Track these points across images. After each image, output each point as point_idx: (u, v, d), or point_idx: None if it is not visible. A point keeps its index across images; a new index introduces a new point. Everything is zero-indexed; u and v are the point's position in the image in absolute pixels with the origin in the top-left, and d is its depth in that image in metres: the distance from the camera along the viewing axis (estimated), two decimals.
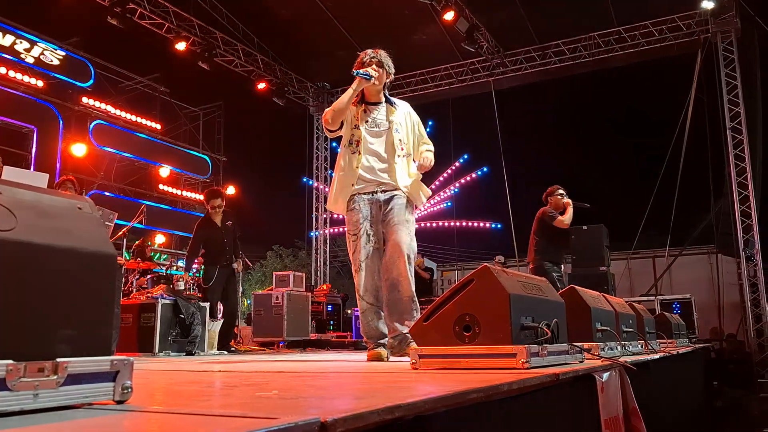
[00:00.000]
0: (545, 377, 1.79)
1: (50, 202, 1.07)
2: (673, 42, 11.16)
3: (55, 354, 0.98)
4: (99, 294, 1.08)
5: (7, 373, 0.90)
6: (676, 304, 9.74)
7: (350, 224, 3.65)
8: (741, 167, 10.26)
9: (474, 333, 2.21)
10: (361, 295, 3.57)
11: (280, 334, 8.21)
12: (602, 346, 2.98)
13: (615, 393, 2.61)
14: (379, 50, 3.78)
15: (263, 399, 1.13)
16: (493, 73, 12.68)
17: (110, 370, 1.05)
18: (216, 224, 6.78)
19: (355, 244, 3.60)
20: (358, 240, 3.58)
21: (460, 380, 1.70)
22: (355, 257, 3.58)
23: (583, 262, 9.58)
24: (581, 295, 3.04)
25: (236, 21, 11.88)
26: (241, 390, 1.41)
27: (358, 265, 3.57)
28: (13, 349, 0.92)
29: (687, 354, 5.74)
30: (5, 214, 0.96)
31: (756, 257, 10.03)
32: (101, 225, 1.14)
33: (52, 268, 1.00)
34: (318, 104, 14.52)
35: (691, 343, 7.52)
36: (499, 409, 1.64)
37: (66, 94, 10.34)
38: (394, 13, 11.18)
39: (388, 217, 3.62)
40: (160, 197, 11.90)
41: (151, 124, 11.87)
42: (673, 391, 4.83)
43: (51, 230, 1.02)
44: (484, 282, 2.23)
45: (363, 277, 3.54)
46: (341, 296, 12.05)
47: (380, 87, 3.76)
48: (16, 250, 0.95)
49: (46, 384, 0.95)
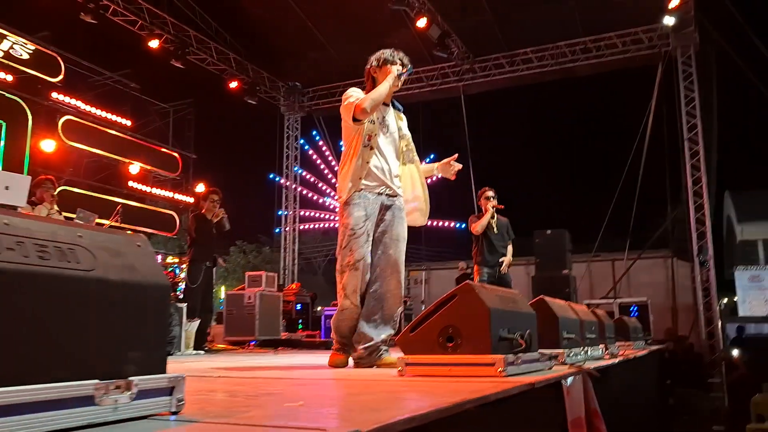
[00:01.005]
0: (523, 386, 2.01)
1: (117, 241, 1.24)
2: (635, 54, 11.61)
3: (127, 373, 1.16)
4: (157, 319, 1.26)
5: (95, 390, 1.08)
6: (634, 306, 10.17)
7: (349, 218, 3.48)
8: (697, 176, 10.75)
9: (456, 344, 2.43)
10: (347, 293, 3.45)
11: (251, 334, 8.35)
12: (568, 352, 3.24)
13: (578, 396, 2.85)
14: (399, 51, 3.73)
15: (299, 410, 1.32)
16: (462, 78, 12.98)
17: (168, 386, 1.24)
18: (209, 220, 7.04)
19: (351, 241, 3.45)
20: (357, 238, 3.45)
21: (449, 389, 1.90)
22: (350, 255, 3.44)
23: (546, 265, 9.94)
24: (550, 305, 3.30)
25: (209, 19, 11.91)
26: (265, 399, 1.60)
27: (352, 264, 3.43)
28: (98, 370, 1.10)
29: (643, 357, 6.09)
30: (88, 256, 1.13)
31: (709, 263, 10.53)
32: (155, 258, 1.32)
33: (123, 300, 1.18)
34: (289, 104, 14.63)
35: (647, 344, 7.90)
36: (482, 413, 1.86)
37: (35, 89, 10.21)
38: (367, 17, 11.36)
39: (390, 228, 3.58)
40: (129, 194, 11.85)
41: (121, 121, 11.80)
42: (631, 392, 5.14)
43: (121, 267, 1.19)
44: (466, 297, 2.45)
45: (356, 277, 3.43)
46: (310, 295, 12.20)
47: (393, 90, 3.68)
48: (97, 287, 1.13)
49: (122, 400, 1.13)
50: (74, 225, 1.18)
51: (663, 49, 11.25)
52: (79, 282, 1.09)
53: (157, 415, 1.21)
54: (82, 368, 1.07)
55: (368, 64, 3.76)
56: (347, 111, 3.53)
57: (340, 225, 3.57)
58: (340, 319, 3.53)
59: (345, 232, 3.49)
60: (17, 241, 1.02)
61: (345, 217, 3.52)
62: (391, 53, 3.68)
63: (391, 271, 3.51)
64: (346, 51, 12.34)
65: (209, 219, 7.08)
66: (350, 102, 3.52)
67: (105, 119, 11.50)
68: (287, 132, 14.85)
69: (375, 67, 3.69)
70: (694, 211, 10.68)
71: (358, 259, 3.43)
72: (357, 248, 3.44)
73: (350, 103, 3.51)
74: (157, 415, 1.21)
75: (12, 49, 9.75)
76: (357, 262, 3.43)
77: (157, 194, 12.64)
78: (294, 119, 14.88)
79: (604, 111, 26.20)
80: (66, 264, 1.08)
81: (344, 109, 3.58)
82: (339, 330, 3.54)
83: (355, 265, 3.43)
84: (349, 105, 3.52)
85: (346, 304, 3.47)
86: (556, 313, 3.31)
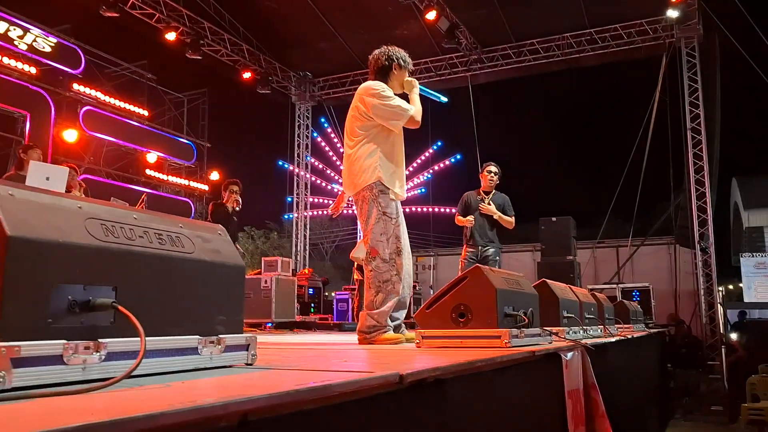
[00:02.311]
0: (525, 353, 2.35)
1: (205, 230, 1.59)
2: (640, 45, 11.85)
3: (217, 332, 1.50)
4: (237, 292, 1.60)
5: (198, 343, 1.43)
6: (636, 292, 10.50)
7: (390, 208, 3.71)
8: (699, 165, 11.02)
9: (467, 319, 2.77)
10: (401, 277, 3.68)
11: (268, 316, 8.73)
12: (567, 330, 3.58)
13: (577, 369, 3.19)
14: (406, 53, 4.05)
15: (344, 362, 1.66)
16: (470, 69, 13.26)
17: (245, 343, 1.59)
18: (228, 210, 7.35)
19: (395, 227, 3.70)
20: (399, 226, 3.73)
21: (462, 354, 2.24)
22: (397, 241, 3.69)
23: (551, 252, 10.24)
24: (551, 287, 3.64)
25: (223, 11, 12.21)
26: (313, 358, 1.94)
27: (400, 250, 3.69)
28: (199, 329, 1.44)
29: (642, 338, 6.41)
30: (189, 242, 1.48)
31: (710, 249, 10.83)
32: (232, 244, 1.66)
33: (214, 276, 1.52)
34: (300, 93, 14.94)
35: (648, 328, 8.23)
36: (491, 377, 2.19)
37: (57, 80, 10.60)
38: (377, 9, 11.63)
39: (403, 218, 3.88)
40: (146, 182, 12.26)
41: (138, 111, 12.18)
42: (630, 370, 5.45)
43: (211, 251, 1.54)
44: (475, 279, 2.79)
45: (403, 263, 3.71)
46: (322, 280, 12.59)
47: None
48: (197, 265, 1.47)
49: (215, 352, 1.48)
50: (176, 218, 1.52)
51: (667, 41, 11.48)
52: (185, 262, 1.43)
53: (237, 365, 1.56)
54: (189, 326, 1.42)
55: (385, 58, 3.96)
56: (400, 115, 3.78)
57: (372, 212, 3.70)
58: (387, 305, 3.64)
59: (385, 220, 3.68)
60: (144, 230, 1.36)
61: (384, 207, 3.69)
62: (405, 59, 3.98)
63: (408, 256, 3.82)
64: (356, 42, 12.64)
65: (228, 210, 7.37)
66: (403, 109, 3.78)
67: (123, 109, 11.88)
68: (298, 121, 15.17)
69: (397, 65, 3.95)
70: (695, 198, 10.96)
71: (404, 244, 3.70)
72: (401, 234, 3.71)
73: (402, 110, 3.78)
74: (237, 365, 1.56)
75: (35, 42, 10.11)
76: (402, 248, 3.69)
77: (173, 182, 13.03)
78: (305, 108, 15.19)
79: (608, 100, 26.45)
80: (176, 248, 1.42)
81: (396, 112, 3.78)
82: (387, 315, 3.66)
83: (402, 249, 3.69)
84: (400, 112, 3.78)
85: (400, 289, 3.67)
86: (557, 295, 3.64)
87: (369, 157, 3.75)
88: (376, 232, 3.67)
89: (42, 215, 1.15)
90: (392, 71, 3.94)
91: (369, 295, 3.67)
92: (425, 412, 1.64)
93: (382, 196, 3.70)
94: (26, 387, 1.03)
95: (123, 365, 1.18)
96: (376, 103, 3.75)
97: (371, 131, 3.80)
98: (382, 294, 3.62)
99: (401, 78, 3.95)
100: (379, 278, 3.63)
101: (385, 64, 3.94)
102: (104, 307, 1.18)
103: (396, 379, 1.37)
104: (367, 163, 3.74)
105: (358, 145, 3.79)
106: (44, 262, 1.11)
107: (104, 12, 9.68)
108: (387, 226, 3.66)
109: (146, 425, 0.75)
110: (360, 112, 3.81)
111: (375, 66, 3.98)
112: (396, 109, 3.77)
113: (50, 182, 4.84)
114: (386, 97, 3.77)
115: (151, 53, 13.24)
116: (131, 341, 1.22)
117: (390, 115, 3.77)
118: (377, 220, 3.67)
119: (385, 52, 3.98)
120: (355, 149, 3.79)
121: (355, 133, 3.83)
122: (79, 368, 1.13)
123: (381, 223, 3.67)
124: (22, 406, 0.89)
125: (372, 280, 3.66)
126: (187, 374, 1.36)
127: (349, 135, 3.87)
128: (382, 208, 3.68)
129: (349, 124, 3.90)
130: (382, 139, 3.79)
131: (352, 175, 3.80)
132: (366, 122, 3.80)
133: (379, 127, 3.79)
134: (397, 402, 1.44)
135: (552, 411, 2.82)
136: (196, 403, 0.86)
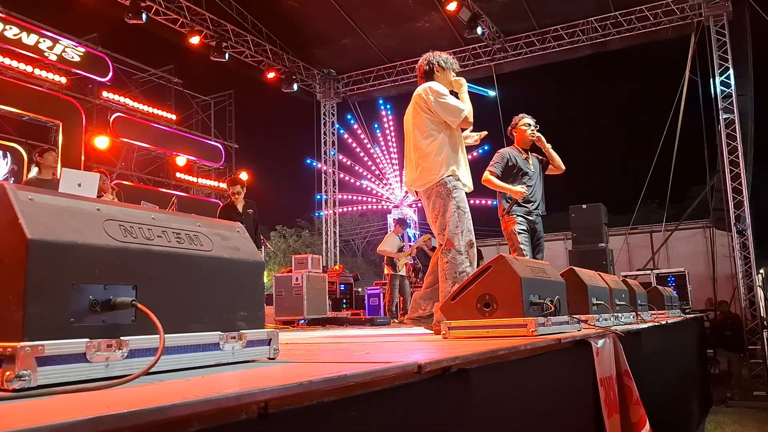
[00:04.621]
0: (550, 341, 2.34)
1: (224, 228, 1.61)
2: (667, 26, 11.60)
3: (239, 327, 1.53)
4: (256, 288, 1.63)
5: (220, 338, 1.45)
6: (671, 277, 10.32)
7: (464, 201, 3.94)
8: (732, 146, 10.76)
9: (492, 308, 2.77)
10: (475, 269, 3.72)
11: (300, 313, 8.82)
12: (597, 317, 3.55)
13: (609, 356, 3.16)
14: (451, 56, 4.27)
15: (366, 355, 1.67)
16: (494, 58, 13.14)
17: (267, 338, 1.61)
18: (237, 210, 7.35)
19: (468, 220, 3.90)
20: (468, 221, 3.90)
21: (486, 344, 2.24)
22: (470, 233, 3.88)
23: (582, 239, 10.13)
24: (579, 275, 3.60)
25: (245, 13, 12.31)
26: (336, 352, 1.96)
27: (473, 242, 3.88)
28: (220, 324, 1.47)
29: (678, 323, 6.30)
30: (207, 240, 1.50)
31: (747, 231, 10.58)
32: (251, 241, 1.69)
33: (233, 273, 1.55)
34: (324, 91, 15.00)
35: (684, 313, 8.09)
36: (516, 366, 2.18)
37: (87, 89, 10.85)
38: (398, 2, 11.60)
39: None
40: (177, 185, 12.47)
41: (166, 115, 12.39)
42: (665, 357, 5.37)
43: (229, 248, 1.56)
44: (500, 268, 2.78)
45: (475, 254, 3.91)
46: (353, 276, 12.65)
47: None
48: (216, 263, 1.50)
49: (237, 347, 1.50)
50: (195, 217, 1.55)
51: (695, 20, 11.22)
52: (204, 259, 1.46)
53: (260, 360, 1.58)
54: (210, 322, 1.44)
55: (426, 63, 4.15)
56: (457, 114, 3.95)
57: (448, 206, 3.86)
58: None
59: (458, 213, 3.86)
60: (162, 230, 1.39)
61: (458, 200, 3.88)
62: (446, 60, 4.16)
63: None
64: (379, 36, 12.63)
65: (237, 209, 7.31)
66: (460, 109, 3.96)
67: (151, 114, 12.09)
68: (324, 118, 15.23)
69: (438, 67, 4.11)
70: (730, 180, 10.71)
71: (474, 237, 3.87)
72: (471, 228, 3.87)
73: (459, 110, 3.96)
74: (259, 360, 1.58)
75: (64, 52, 10.34)
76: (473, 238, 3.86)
77: (203, 184, 13.23)
78: (330, 105, 15.25)
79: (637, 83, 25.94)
80: (194, 246, 1.45)
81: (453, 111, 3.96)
82: None
83: (473, 241, 3.86)
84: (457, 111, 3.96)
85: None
86: (585, 282, 3.60)
87: (440, 152, 3.94)
88: (452, 225, 3.83)
89: (61, 218, 1.18)
90: (435, 74, 4.12)
91: (445, 287, 3.77)
92: (448, 403, 1.64)
93: (456, 190, 3.89)
94: (52, 384, 1.07)
95: (145, 362, 1.21)
96: (435, 100, 3.94)
97: (440, 126, 3.99)
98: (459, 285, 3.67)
99: (447, 78, 4.12)
100: (456, 269, 3.77)
101: (427, 69, 4.14)
102: (124, 306, 1.21)
103: (414, 369, 1.37)
104: (439, 158, 3.93)
105: (428, 140, 3.97)
106: (64, 263, 1.14)
107: (129, 19, 9.85)
108: (462, 219, 3.83)
109: (159, 417, 0.78)
110: (424, 109, 3.99)
111: (420, 73, 4.20)
112: (453, 108, 3.96)
113: (82, 188, 4.96)
114: (442, 95, 3.97)
115: (177, 58, 13.46)
116: (153, 338, 1.25)
117: (447, 112, 3.96)
118: (453, 213, 3.84)
119: (426, 57, 4.19)
120: (426, 144, 3.98)
121: (424, 128, 3.99)
122: (102, 366, 1.16)
123: (456, 216, 3.84)
124: (43, 401, 0.93)
125: (448, 271, 3.79)
126: (209, 369, 1.39)
127: (419, 129, 4.02)
128: (456, 202, 3.86)
129: (416, 120, 4.05)
130: (448, 135, 3.99)
131: (424, 170, 3.96)
132: (434, 117, 3.99)
133: (445, 123, 3.99)
134: (418, 392, 1.45)
135: (584, 399, 2.80)
136: (209, 394, 0.88)
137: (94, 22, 11.61)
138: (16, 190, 1.16)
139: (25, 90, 9.87)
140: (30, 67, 9.91)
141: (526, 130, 5.57)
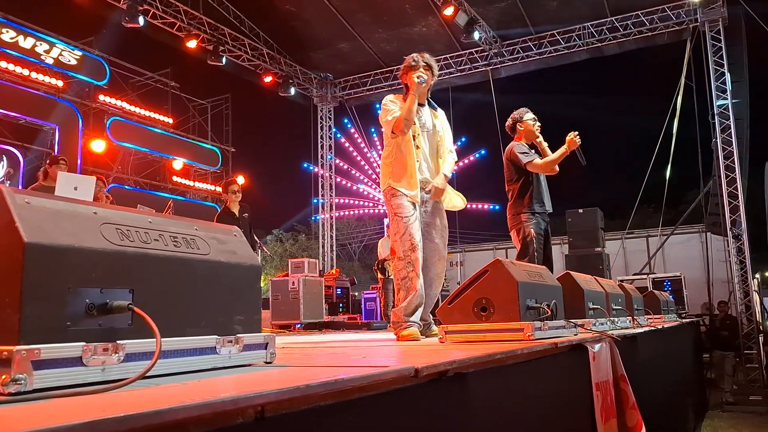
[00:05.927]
0: (547, 345, 2.34)
1: (221, 232, 1.61)
2: (663, 31, 11.64)
3: (235, 331, 1.53)
4: (253, 292, 1.63)
5: (216, 342, 1.45)
6: (668, 281, 10.33)
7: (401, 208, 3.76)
8: (728, 151, 10.80)
9: (489, 313, 2.77)
10: (418, 273, 3.70)
11: (297, 317, 8.80)
12: (594, 321, 3.55)
13: (605, 361, 3.16)
14: (424, 54, 3.98)
15: (363, 360, 1.67)
16: (491, 63, 13.17)
17: (263, 342, 1.61)
18: (234, 214, 7.31)
19: (407, 226, 3.72)
20: (411, 223, 3.73)
21: (483, 348, 2.24)
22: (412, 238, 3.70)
23: (579, 244, 10.14)
24: (575, 279, 3.60)
25: (243, 17, 12.32)
26: (334, 355, 1.96)
27: (414, 245, 3.69)
28: (217, 329, 1.47)
29: (674, 327, 6.30)
30: (204, 244, 1.50)
31: (743, 236, 10.60)
32: (248, 245, 1.69)
33: (230, 277, 1.54)
34: (322, 95, 15.01)
35: (680, 318, 8.09)
36: (513, 371, 2.19)
37: (84, 92, 10.84)
38: (395, 7, 11.63)
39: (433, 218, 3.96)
40: (173, 189, 12.45)
41: (163, 119, 12.38)
42: (661, 361, 5.37)
43: (226, 252, 1.56)
44: (496, 272, 2.78)
45: (420, 258, 3.73)
46: (350, 280, 12.64)
47: (426, 90, 3.96)
48: (212, 266, 1.50)
49: (233, 351, 1.50)
50: (191, 221, 1.55)
51: (691, 25, 11.27)
52: (201, 263, 1.46)
53: (256, 364, 1.58)
54: (206, 326, 1.44)
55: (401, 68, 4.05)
56: (387, 126, 3.90)
57: (391, 214, 3.85)
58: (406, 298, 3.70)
59: (397, 220, 3.77)
60: (159, 234, 1.39)
61: (395, 208, 3.80)
62: (415, 59, 3.95)
63: (438, 258, 3.95)
64: (376, 41, 12.65)
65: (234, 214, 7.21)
66: (388, 120, 3.88)
67: (148, 118, 12.08)
68: (321, 122, 15.24)
69: (403, 74, 4.02)
70: (726, 185, 10.74)
71: (417, 240, 3.73)
72: (414, 232, 3.74)
73: (388, 122, 3.88)
74: (256, 364, 1.58)
75: (61, 56, 10.33)
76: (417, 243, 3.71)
77: (199, 188, 13.21)
78: (327, 109, 15.26)
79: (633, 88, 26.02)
80: (191, 250, 1.45)
81: (385, 124, 3.92)
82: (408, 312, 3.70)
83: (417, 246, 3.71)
84: (387, 123, 3.88)
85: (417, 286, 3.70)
86: (581, 286, 3.61)
87: (388, 161, 3.95)
88: (393, 232, 3.84)
89: (58, 221, 1.18)
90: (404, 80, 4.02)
91: (398, 296, 3.78)
92: (445, 407, 1.64)
93: (395, 198, 3.83)
94: (48, 388, 1.06)
95: (142, 366, 1.21)
96: (381, 113, 3.95)
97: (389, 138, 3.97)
98: (402, 291, 3.72)
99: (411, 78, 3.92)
100: (398, 276, 3.75)
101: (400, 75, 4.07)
102: (121, 309, 1.21)
103: (412, 373, 1.37)
104: (387, 168, 3.94)
105: (386, 150, 3.99)
106: (61, 266, 1.14)
107: (127, 23, 9.85)
108: (399, 225, 3.76)
109: (156, 420, 0.77)
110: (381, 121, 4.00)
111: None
112: (387, 122, 3.89)
113: (78, 192, 4.95)
114: (383, 108, 3.94)
115: (174, 62, 13.46)
116: (150, 342, 1.24)
117: (384, 126, 3.96)
118: (391, 220, 3.85)
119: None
120: (384, 154, 4.02)
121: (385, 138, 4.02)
122: (99, 369, 1.16)
123: (394, 223, 3.81)
124: (39, 405, 0.92)
125: (395, 279, 3.81)
126: (206, 373, 1.38)
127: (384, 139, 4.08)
128: (393, 209, 3.83)
129: None
130: (396, 144, 3.92)
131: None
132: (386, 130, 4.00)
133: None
134: (415, 397, 1.45)
135: (579, 403, 2.80)
136: (205, 398, 0.87)
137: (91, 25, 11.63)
138: (13, 193, 1.16)
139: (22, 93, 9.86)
140: (27, 70, 9.90)
141: (533, 124, 5.41)
